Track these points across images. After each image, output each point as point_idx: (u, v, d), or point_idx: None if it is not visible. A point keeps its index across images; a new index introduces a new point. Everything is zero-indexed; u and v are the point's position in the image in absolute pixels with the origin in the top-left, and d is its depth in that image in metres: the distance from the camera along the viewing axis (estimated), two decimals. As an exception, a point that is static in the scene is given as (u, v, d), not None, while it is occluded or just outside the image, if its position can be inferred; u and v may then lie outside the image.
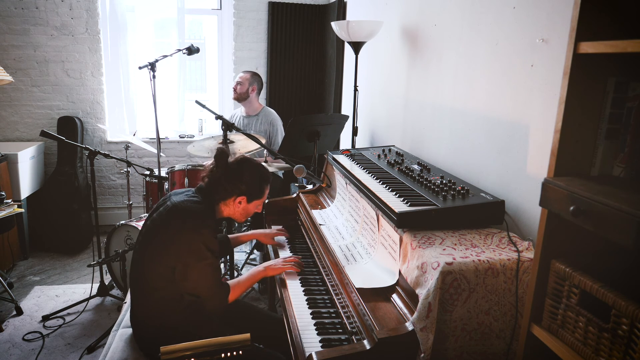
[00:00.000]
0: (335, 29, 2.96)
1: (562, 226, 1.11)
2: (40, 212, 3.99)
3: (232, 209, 1.90)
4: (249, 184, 1.85)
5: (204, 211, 1.77)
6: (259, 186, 1.90)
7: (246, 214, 1.93)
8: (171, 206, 1.77)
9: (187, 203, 1.77)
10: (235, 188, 1.84)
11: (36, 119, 4.28)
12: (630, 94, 1.06)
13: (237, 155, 1.92)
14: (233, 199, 1.86)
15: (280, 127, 3.72)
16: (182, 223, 1.71)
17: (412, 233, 1.56)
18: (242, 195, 1.86)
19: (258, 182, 1.89)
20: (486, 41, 1.95)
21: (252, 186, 1.87)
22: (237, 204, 1.88)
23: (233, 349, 1.39)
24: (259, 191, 1.90)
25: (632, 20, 1.03)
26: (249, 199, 1.88)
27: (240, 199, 1.86)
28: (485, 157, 1.95)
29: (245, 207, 1.89)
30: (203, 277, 1.72)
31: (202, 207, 1.78)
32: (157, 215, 1.80)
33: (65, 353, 2.60)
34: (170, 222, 1.73)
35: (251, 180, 1.86)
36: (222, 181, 1.83)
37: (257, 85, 3.70)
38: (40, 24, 4.10)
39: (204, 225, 1.72)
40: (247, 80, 3.65)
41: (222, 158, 1.86)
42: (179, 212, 1.74)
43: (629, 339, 0.90)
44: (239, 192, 1.85)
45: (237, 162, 1.87)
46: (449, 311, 1.36)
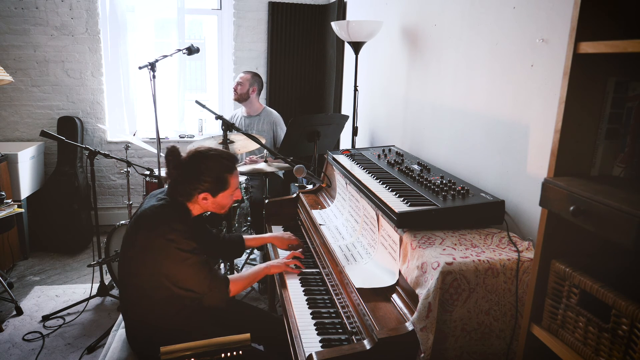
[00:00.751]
0: (335, 29, 2.96)
1: (562, 226, 1.11)
2: (40, 212, 3.99)
3: (202, 206, 1.78)
4: (208, 180, 1.72)
5: (170, 215, 1.69)
6: (220, 178, 1.74)
7: (220, 207, 1.81)
8: (139, 214, 1.72)
9: (153, 209, 1.70)
10: (194, 187, 1.72)
11: (36, 119, 4.28)
12: (630, 94, 1.06)
13: (190, 150, 1.78)
14: (196, 198, 1.74)
15: (282, 125, 3.73)
16: (149, 232, 1.66)
17: (412, 233, 1.56)
18: (205, 192, 1.73)
19: (217, 174, 1.73)
20: (486, 41, 1.95)
21: (212, 181, 1.73)
22: (204, 201, 1.75)
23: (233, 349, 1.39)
24: (222, 183, 1.75)
25: (632, 20, 1.03)
26: (213, 194, 1.75)
27: (204, 196, 1.74)
28: (485, 157, 1.95)
29: (214, 201, 1.77)
30: (192, 276, 1.69)
31: (168, 209, 1.71)
32: (130, 224, 1.76)
33: (65, 353, 2.60)
34: (140, 232, 1.69)
35: (209, 175, 1.72)
36: (180, 181, 1.73)
37: (258, 86, 3.70)
38: (40, 24, 4.10)
39: (171, 230, 1.64)
40: (247, 80, 3.65)
41: (174, 157, 1.74)
42: (146, 221, 1.69)
43: (629, 339, 0.90)
44: (200, 190, 1.72)
45: (190, 158, 1.74)
46: (449, 311, 1.36)
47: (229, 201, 1.82)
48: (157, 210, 1.70)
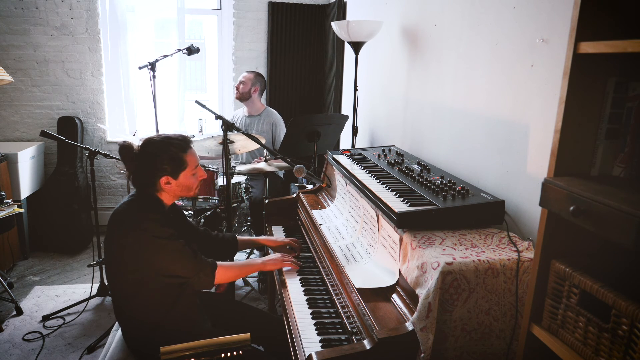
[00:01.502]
0: (335, 29, 2.96)
1: (562, 226, 1.11)
2: (40, 212, 3.99)
3: (169, 192, 1.78)
4: (162, 160, 1.72)
5: (140, 207, 1.72)
6: (175, 159, 1.74)
7: (187, 188, 1.80)
8: (112, 214, 1.75)
9: (123, 206, 1.73)
10: (153, 174, 1.73)
11: (36, 119, 4.28)
12: (630, 94, 1.06)
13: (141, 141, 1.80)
14: (160, 184, 1.75)
15: (282, 126, 3.73)
16: (122, 227, 1.69)
17: (412, 233, 1.56)
18: (165, 176, 1.74)
19: (171, 155, 1.73)
20: (486, 41, 1.95)
21: (168, 162, 1.73)
22: (167, 186, 1.75)
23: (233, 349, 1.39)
24: (178, 162, 1.75)
25: (632, 20, 1.03)
26: (174, 175, 1.75)
27: (166, 179, 1.74)
28: (485, 157, 1.95)
29: (177, 183, 1.76)
30: (174, 261, 1.69)
31: (136, 204, 1.74)
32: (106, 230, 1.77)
33: (65, 353, 2.60)
34: (114, 231, 1.71)
35: (163, 156, 1.72)
36: (139, 173, 1.76)
37: (260, 86, 3.70)
38: (40, 24, 4.10)
39: (143, 220, 1.66)
40: (249, 80, 3.66)
41: (127, 152, 1.77)
42: (118, 218, 1.72)
43: (629, 339, 0.90)
44: (159, 174, 1.73)
45: (142, 147, 1.76)
46: (449, 311, 1.36)
47: (194, 181, 1.81)
48: (127, 206, 1.73)
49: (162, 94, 4.17)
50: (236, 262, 1.92)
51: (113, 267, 1.75)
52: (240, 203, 3.26)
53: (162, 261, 1.68)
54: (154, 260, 1.67)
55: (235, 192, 3.21)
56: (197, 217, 3.14)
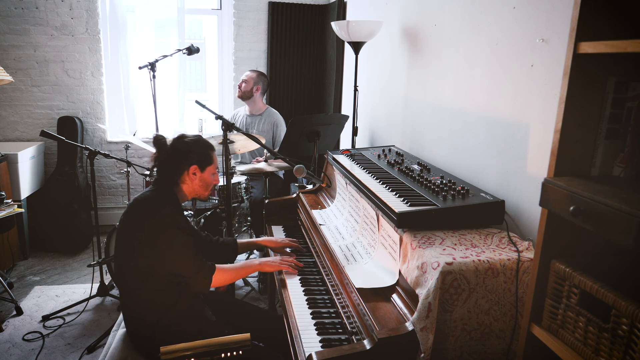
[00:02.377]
0: (335, 29, 2.96)
1: (562, 226, 1.11)
2: (40, 212, 3.99)
3: (190, 185, 1.90)
4: (195, 152, 1.88)
5: (160, 196, 1.83)
6: (205, 152, 1.92)
7: (206, 185, 1.94)
8: (132, 202, 1.84)
9: (143, 196, 1.84)
10: (183, 161, 1.87)
11: (36, 119, 4.28)
12: (630, 94, 1.06)
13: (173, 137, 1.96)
14: (186, 173, 1.87)
15: (283, 127, 3.72)
16: (143, 211, 1.78)
17: (412, 233, 1.56)
18: (194, 165, 1.87)
19: (202, 148, 1.91)
20: (486, 41, 1.95)
21: (199, 153, 1.89)
22: (193, 176, 1.89)
23: (233, 349, 1.39)
24: (208, 157, 1.92)
25: (632, 20, 1.03)
26: (201, 167, 1.89)
27: (193, 170, 1.88)
28: (485, 157, 1.95)
29: (201, 177, 1.90)
30: (181, 256, 1.75)
31: (158, 195, 1.84)
32: (123, 216, 1.85)
33: (65, 353, 2.60)
34: (134, 216, 1.80)
35: (195, 149, 1.89)
36: (169, 161, 1.88)
37: (262, 86, 3.70)
38: (40, 24, 4.10)
39: (163, 205, 1.77)
40: (252, 79, 3.65)
41: (162, 141, 1.91)
42: (138, 204, 1.82)
43: (629, 339, 0.90)
44: (189, 163, 1.87)
45: (176, 140, 1.91)
46: (449, 311, 1.36)
47: (211, 180, 1.95)
48: (150, 194, 1.84)
49: (162, 94, 4.17)
50: (234, 265, 1.94)
51: (125, 254, 1.79)
52: (240, 203, 3.26)
53: (169, 252, 1.74)
54: (163, 249, 1.73)
55: (235, 192, 3.21)
56: (197, 217, 3.14)
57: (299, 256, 2.16)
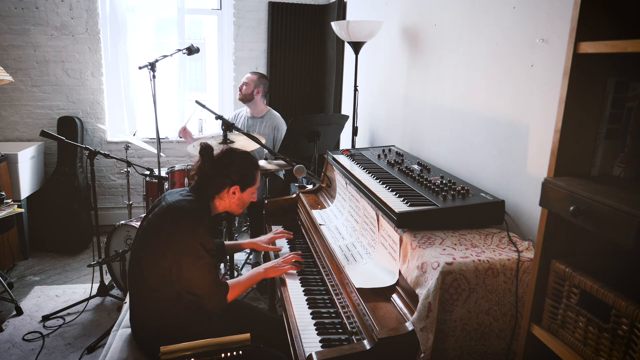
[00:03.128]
0: (335, 29, 2.96)
1: (562, 226, 1.11)
2: (40, 212, 3.99)
3: (227, 202, 1.87)
4: (240, 172, 1.84)
5: (198, 209, 1.76)
6: (250, 173, 1.87)
7: (242, 204, 1.91)
8: (166, 206, 1.76)
9: (181, 202, 1.76)
10: (226, 179, 1.82)
11: (36, 119, 4.28)
12: (630, 94, 1.06)
13: (222, 148, 1.91)
14: (227, 191, 1.84)
15: (284, 131, 3.71)
16: (177, 223, 1.70)
17: (412, 233, 1.56)
18: (235, 185, 1.83)
19: (248, 169, 1.87)
20: (486, 41, 1.95)
21: (243, 174, 1.85)
22: (232, 195, 1.85)
23: (233, 349, 1.39)
24: (251, 178, 1.88)
25: (632, 20, 1.03)
26: (242, 188, 1.86)
27: (234, 189, 1.84)
28: (485, 157, 1.95)
29: (240, 196, 1.87)
30: (201, 276, 1.72)
31: (196, 205, 1.77)
32: (153, 216, 1.79)
33: (65, 353, 2.60)
34: (165, 223, 1.72)
35: (241, 169, 1.84)
36: (212, 175, 1.82)
37: (263, 88, 3.68)
38: (40, 24, 4.10)
39: (199, 224, 1.71)
40: (253, 82, 3.64)
41: (208, 152, 1.84)
42: (173, 212, 1.73)
43: (629, 339, 0.90)
44: (232, 182, 1.82)
45: (224, 153, 1.86)
46: (449, 311, 1.36)
47: (249, 199, 1.92)
48: (188, 205, 1.76)
49: (162, 94, 4.17)
50: (240, 279, 1.90)
51: (149, 255, 1.74)
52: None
53: (192, 271, 1.70)
54: (187, 266, 1.69)
55: (235, 192, 3.21)
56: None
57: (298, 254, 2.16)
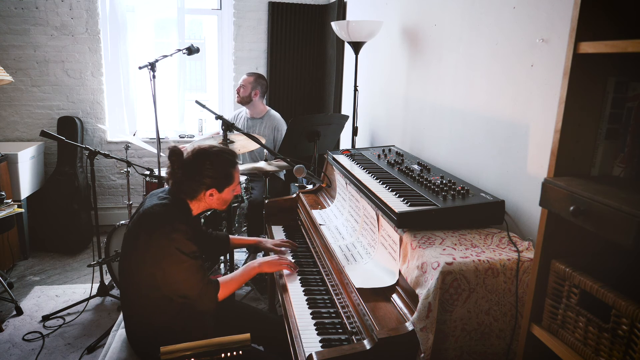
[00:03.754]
0: (335, 29, 2.96)
1: (562, 226, 1.11)
2: (40, 212, 3.99)
3: (206, 203, 1.80)
4: (214, 175, 1.74)
5: (172, 214, 1.70)
6: (225, 173, 1.78)
7: (224, 202, 1.84)
8: (141, 213, 1.73)
9: (154, 208, 1.70)
10: (200, 184, 1.74)
11: (36, 119, 4.28)
12: (630, 94, 1.06)
13: (193, 149, 1.79)
14: (203, 194, 1.77)
15: (284, 131, 3.71)
16: (151, 231, 1.66)
17: (412, 233, 1.56)
18: (211, 188, 1.76)
19: (222, 170, 1.77)
20: (486, 41, 1.95)
21: (218, 176, 1.76)
22: (210, 197, 1.78)
23: (233, 349, 1.39)
24: (227, 178, 1.79)
25: (632, 20, 1.03)
26: (219, 189, 1.78)
27: (211, 192, 1.77)
28: (485, 157, 1.95)
29: (219, 197, 1.79)
30: (186, 279, 1.68)
31: (171, 209, 1.72)
32: (132, 223, 1.77)
33: (65, 353, 2.60)
34: (141, 230, 1.69)
35: (215, 171, 1.74)
36: (184, 180, 1.74)
37: (260, 89, 3.68)
38: (40, 24, 4.10)
39: (173, 230, 1.65)
40: (249, 83, 3.63)
41: (177, 156, 1.76)
42: (147, 219, 1.70)
43: (629, 339, 0.90)
44: (207, 186, 1.75)
45: (194, 156, 1.75)
46: (449, 311, 1.36)
47: (231, 196, 1.85)
48: (161, 210, 1.71)
49: (162, 94, 4.17)
50: (234, 275, 1.87)
51: (130, 264, 1.73)
52: (240, 203, 3.26)
53: (176, 275, 1.67)
54: (169, 272, 1.66)
55: (235, 192, 3.20)
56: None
57: (299, 256, 2.16)
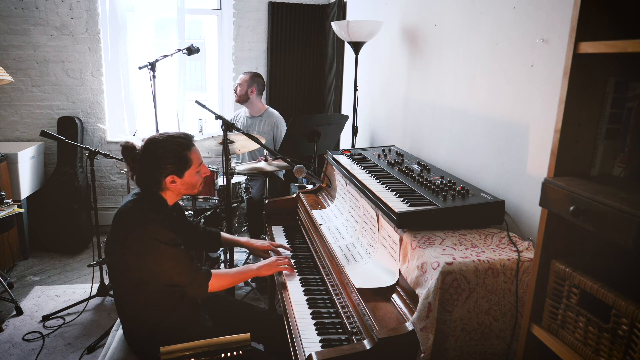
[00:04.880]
0: (335, 29, 2.96)
1: (562, 226, 1.11)
2: (40, 212, 3.99)
3: (174, 190, 1.79)
4: (168, 161, 1.73)
5: (144, 207, 1.72)
6: (180, 157, 1.75)
7: (192, 186, 1.82)
8: (117, 212, 1.75)
9: (127, 205, 1.73)
10: (158, 173, 1.74)
11: (36, 119, 4.28)
12: (630, 94, 1.06)
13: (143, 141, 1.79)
14: (165, 183, 1.76)
15: (284, 127, 3.71)
16: (126, 227, 1.69)
17: (412, 233, 1.56)
18: (170, 175, 1.75)
19: (175, 154, 1.74)
20: (486, 41, 1.95)
21: (173, 161, 1.74)
22: (173, 184, 1.76)
23: (233, 349, 1.39)
24: (183, 161, 1.76)
25: (632, 20, 1.03)
26: (179, 174, 1.76)
27: (172, 178, 1.75)
28: (485, 157, 1.95)
29: (182, 182, 1.78)
30: (172, 267, 1.69)
31: (142, 203, 1.74)
32: (110, 227, 1.78)
33: (65, 353, 2.60)
34: (117, 229, 1.71)
35: (168, 157, 1.73)
36: (143, 173, 1.76)
37: (257, 87, 3.68)
38: (40, 24, 4.10)
39: (147, 221, 1.66)
40: (246, 82, 3.64)
41: (129, 152, 1.77)
42: (121, 217, 1.72)
43: (629, 339, 0.90)
44: (165, 174, 1.74)
45: (145, 147, 1.75)
46: (449, 311, 1.36)
47: (198, 178, 1.83)
48: (132, 205, 1.73)
49: (162, 94, 4.17)
50: (231, 270, 1.90)
51: (116, 265, 1.75)
52: (240, 203, 3.26)
53: (161, 266, 1.69)
54: (153, 263, 1.68)
55: (235, 192, 3.21)
56: (197, 217, 3.14)
57: (299, 256, 2.16)
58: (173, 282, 1.72)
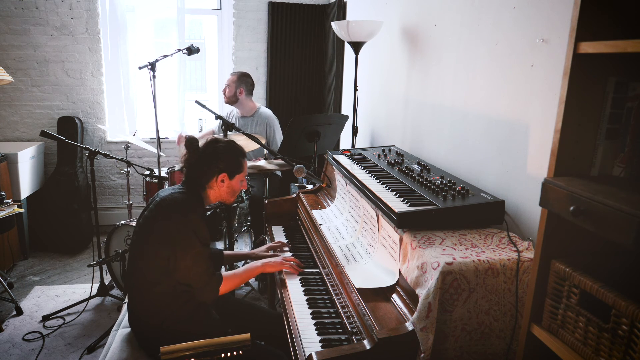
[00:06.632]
0: (335, 29, 2.96)
1: (562, 226, 1.11)
2: (40, 212, 3.99)
3: (217, 191, 1.90)
4: (226, 160, 1.88)
5: (189, 200, 1.82)
6: (236, 160, 1.91)
7: (232, 192, 1.94)
8: (159, 201, 1.82)
9: (173, 195, 1.82)
10: (214, 167, 1.86)
11: (36, 119, 4.28)
12: (630, 94, 1.06)
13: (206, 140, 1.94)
14: (215, 179, 1.87)
15: (276, 126, 3.69)
16: (170, 214, 1.76)
17: (412, 233, 1.56)
18: (223, 173, 1.87)
19: (234, 156, 1.90)
20: (486, 41, 1.95)
21: (230, 161, 1.89)
22: (221, 183, 1.88)
23: (233, 348, 1.39)
24: (238, 165, 1.92)
25: (632, 20, 1.03)
26: (230, 175, 1.89)
27: (222, 177, 1.88)
28: (485, 157, 1.95)
29: (229, 184, 1.90)
30: (193, 266, 1.74)
31: (188, 196, 1.83)
32: (148, 212, 1.84)
33: (65, 353, 2.60)
34: (159, 215, 1.78)
35: (227, 156, 1.88)
36: (199, 165, 1.87)
37: (245, 87, 3.64)
38: (40, 24, 4.10)
39: (190, 212, 1.76)
40: (233, 82, 3.61)
41: (193, 144, 1.89)
42: (166, 204, 1.79)
43: (629, 339, 0.90)
44: (219, 170, 1.86)
45: (208, 143, 1.90)
46: (449, 311, 1.36)
47: (238, 188, 1.95)
48: (179, 197, 1.82)
49: (162, 94, 4.16)
50: (237, 271, 1.94)
51: (144, 250, 1.78)
52: (240, 203, 3.26)
53: (184, 260, 1.73)
54: (180, 256, 1.72)
55: (235, 192, 3.20)
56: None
57: (299, 256, 2.16)
58: (187, 282, 1.76)
